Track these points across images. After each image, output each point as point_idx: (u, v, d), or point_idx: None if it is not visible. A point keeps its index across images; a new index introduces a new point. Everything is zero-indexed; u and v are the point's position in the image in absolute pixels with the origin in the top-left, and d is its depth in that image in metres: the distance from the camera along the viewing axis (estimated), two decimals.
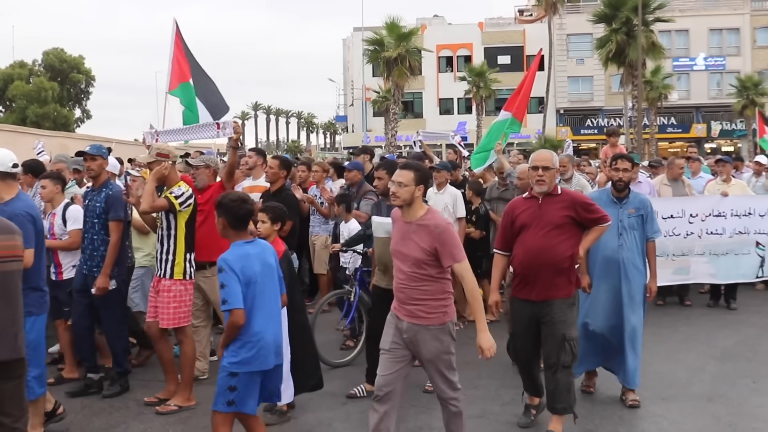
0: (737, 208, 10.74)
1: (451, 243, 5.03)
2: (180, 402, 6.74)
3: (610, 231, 6.45)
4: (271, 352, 5.02)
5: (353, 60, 65.79)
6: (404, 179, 5.12)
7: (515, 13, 71.54)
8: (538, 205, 5.94)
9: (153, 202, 6.70)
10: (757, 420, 6.40)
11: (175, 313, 6.75)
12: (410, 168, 5.20)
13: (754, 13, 60.23)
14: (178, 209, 6.75)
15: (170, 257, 6.80)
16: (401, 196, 5.13)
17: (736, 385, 7.32)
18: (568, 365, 5.87)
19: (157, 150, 6.97)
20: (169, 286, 6.77)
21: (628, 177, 6.82)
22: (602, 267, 6.77)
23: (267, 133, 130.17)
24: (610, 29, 41.41)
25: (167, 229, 6.83)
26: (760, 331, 9.49)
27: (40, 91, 64.19)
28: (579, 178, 10.33)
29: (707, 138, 59.26)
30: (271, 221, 6.31)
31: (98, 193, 7.16)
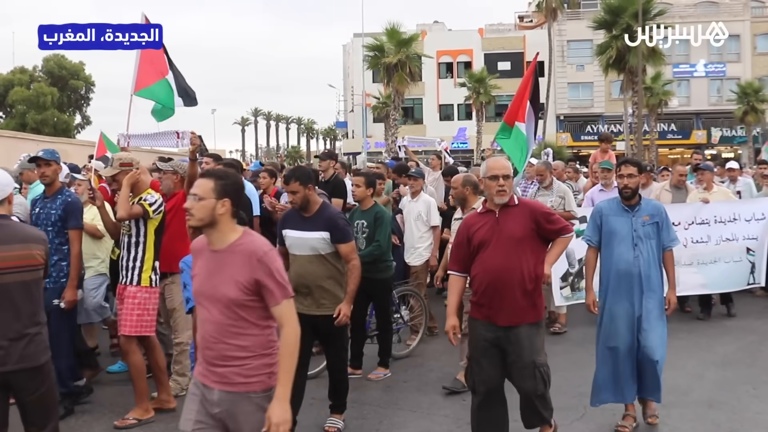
0: (720, 214, 10.39)
1: (276, 274, 3.72)
2: (138, 415, 6.55)
3: (624, 242, 6.09)
4: None
5: (353, 66, 65.82)
6: (199, 191, 3.77)
7: (515, 20, 71.79)
8: (495, 219, 5.38)
9: (129, 210, 6.54)
10: (758, 427, 6.40)
11: (138, 320, 6.57)
12: (211, 176, 3.85)
13: (754, 20, 60.33)
14: (151, 216, 6.63)
15: (138, 264, 6.63)
16: (195, 214, 3.77)
17: (737, 392, 7.30)
18: (541, 393, 5.40)
19: (119, 161, 6.84)
20: (134, 293, 6.60)
21: (635, 183, 6.26)
22: (617, 282, 6.20)
23: (267, 139, 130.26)
24: (610, 35, 41.49)
25: (136, 236, 6.66)
26: (760, 338, 9.48)
27: (40, 97, 64.23)
28: (559, 184, 10.18)
29: (707, 144, 59.25)
30: None
31: (53, 200, 6.90)
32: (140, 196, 6.66)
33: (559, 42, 59.88)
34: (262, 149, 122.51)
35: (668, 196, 10.90)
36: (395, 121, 45.90)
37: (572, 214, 9.66)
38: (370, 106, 57.15)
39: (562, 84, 61.19)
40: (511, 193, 5.42)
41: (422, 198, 9.56)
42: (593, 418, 6.59)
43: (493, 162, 5.53)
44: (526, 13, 71.08)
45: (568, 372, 7.97)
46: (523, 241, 5.29)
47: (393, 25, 44.32)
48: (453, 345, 5.76)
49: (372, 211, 7.94)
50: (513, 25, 70.42)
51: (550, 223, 5.43)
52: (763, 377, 7.82)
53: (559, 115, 61.74)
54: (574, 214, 9.69)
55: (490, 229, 5.36)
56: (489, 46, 63.41)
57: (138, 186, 6.71)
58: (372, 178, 8.32)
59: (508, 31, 67.55)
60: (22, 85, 66.04)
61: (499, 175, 5.34)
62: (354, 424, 6.55)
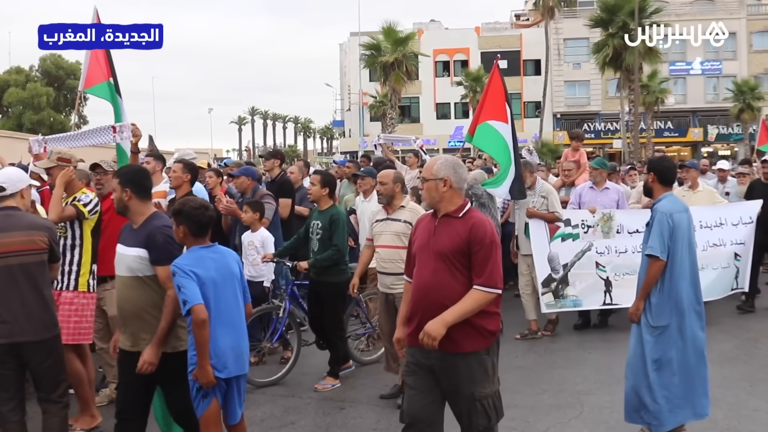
0: (706, 219, 9.99)
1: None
2: (84, 425, 6.26)
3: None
4: (228, 359, 4.84)
5: (350, 65, 65.84)
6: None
7: (512, 18, 71.79)
8: (434, 228, 4.61)
9: (62, 211, 6.20)
10: (755, 424, 6.41)
11: (75, 327, 6.25)
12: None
13: (750, 18, 60.36)
14: (86, 217, 6.33)
15: (74, 268, 6.34)
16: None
17: (734, 389, 7.31)
18: (484, 429, 4.54)
19: (58, 155, 6.52)
20: (71, 299, 6.29)
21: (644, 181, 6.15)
22: None
23: (264, 138, 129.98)
24: (607, 34, 41.52)
25: (72, 238, 6.35)
26: (757, 336, 9.49)
27: (35, 98, 64.19)
28: (543, 184, 9.74)
29: (704, 142, 59.37)
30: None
31: None
32: (74, 196, 6.38)
33: (555, 40, 59.85)
34: (259, 148, 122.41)
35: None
36: (392, 120, 45.85)
37: (556, 215, 9.42)
38: (366, 104, 57.21)
39: (558, 82, 61.19)
40: (438, 199, 4.57)
41: (375, 197, 8.97)
42: (591, 416, 6.60)
43: (427, 162, 5.04)
44: (522, 11, 71.12)
45: (566, 370, 8.00)
46: (453, 258, 4.44)
47: (390, 24, 44.28)
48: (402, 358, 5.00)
49: (328, 213, 7.61)
50: (509, 24, 70.46)
51: (477, 260, 4.41)
52: (760, 374, 7.84)
53: (556, 113, 61.73)
54: (558, 215, 9.44)
55: (426, 238, 4.62)
56: (486, 45, 63.37)
57: (72, 185, 6.44)
58: (328, 177, 8.01)
59: (504, 30, 67.56)
60: (18, 85, 65.97)
61: (421, 177, 4.81)
62: (351, 423, 6.55)
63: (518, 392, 7.26)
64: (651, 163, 6.35)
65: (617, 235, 9.66)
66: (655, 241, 5.76)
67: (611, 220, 9.67)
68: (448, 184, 4.54)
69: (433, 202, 4.62)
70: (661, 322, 5.79)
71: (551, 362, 8.37)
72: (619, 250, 9.68)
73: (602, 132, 60.52)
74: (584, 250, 9.59)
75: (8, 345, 5.06)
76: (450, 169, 4.56)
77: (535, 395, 7.19)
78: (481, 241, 4.42)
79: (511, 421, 6.46)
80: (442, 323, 4.30)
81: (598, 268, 9.61)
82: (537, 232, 9.42)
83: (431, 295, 4.46)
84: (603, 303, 9.67)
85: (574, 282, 9.53)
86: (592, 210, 9.66)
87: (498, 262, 4.44)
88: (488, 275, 4.38)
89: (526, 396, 7.16)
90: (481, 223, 4.51)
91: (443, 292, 4.43)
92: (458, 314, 4.33)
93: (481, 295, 4.37)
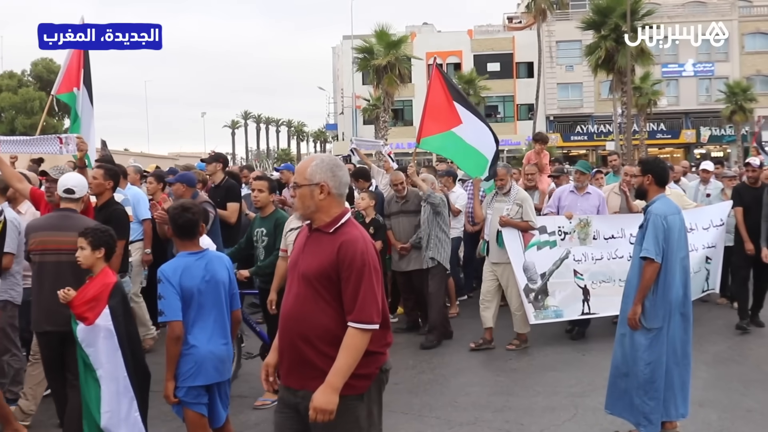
0: None
1: None
2: None
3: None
4: (210, 366, 4.89)
5: (343, 68, 65.83)
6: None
7: (504, 21, 71.83)
8: (305, 243, 3.84)
9: None
10: (748, 425, 6.41)
11: None
12: None
13: (742, 20, 60.56)
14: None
15: None
16: None
17: (727, 390, 7.33)
18: None
19: None
20: None
21: (636, 183, 6.10)
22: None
23: (257, 141, 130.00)
24: (599, 36, 41.61)
25: None
26: (750, 337, 9.50)
27: (27, 102, 64.09)
28: (519, 190, 9.28)
29: (697, 144, 59.53)
30: (92, 247, 5.27)
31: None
32: None
33: (548, 43, 60.00)
34: (252, 152, 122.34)
35: (616, 199, 10.22)
36: (385, 123, 45.89)
37: (530, 224, 9.02)
38: (360, 108, 57.22)
39: (551, 84, 61.30)
40: (311, 210, 3.75)
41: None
42: (585, 418, 6.60)
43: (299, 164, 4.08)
44: (515, 14, 71.23)
45: (560, 372, 8.00)
46: (317, 283, 3.65)
47: (382, 27, 44.34)
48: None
49: (272, 218, 7.34)
50: (502, 26, 70.50)
51: (347, 289, 3.61)
52: (753, 375, 7.85)
53: (549, 115, 61.85)
54: (532, 224, 9.03)
55: (295, 256, 3.87)
56: (478, 48, 63.48)
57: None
58: (275, 183, 7.79)
59: (497, 32, 67.62)
60: (10, 90, 65.82)
61: (295, 182, 3.86)
62: None
63: (512, 394, 7.28)
64: (648, 165, 6.21)
65: (593, 242, 9.41)
66: (650, 243, 5.76)
67: (588, 226, 9.39)
68: (325, 190, 3.70)
69: (308, 213, 3.76)
70: (655, 325, 5.80)
71: (545, 364, 8.37)
72: (595, 257, 9.40)
73: (595, 134, 60.69)
74: (562, 257, 9.29)
75: (62, 333, 5.54)
76: (327, 171, 3.73)
77: (529, 397, 7.19)
78: (349, 265, 3.59)
79: (505, 424, 6.47)
80: (332, 390, 3.52)
81: (576, 276, 9.34)
82: (511, 241, 8.99)
83: (294, 327, 3.70)
84: (582, 312, 9.31)
85: (554, 291, 9.21)
86: (569, 216, 9.39)
87: (373, 289, 3.60)
88: (360, 308, 3.57)
89: (520, 398, 7.17)
90: (351, 241, 3.64)
91: (306, 323, 3.66)
92: (344, 370, 3.55)
93: (358, 335, 3.57)
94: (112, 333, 5.17)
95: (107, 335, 5.17)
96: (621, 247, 9.39)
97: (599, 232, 9.42)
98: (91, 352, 5.21)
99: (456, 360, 8.55)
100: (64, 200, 6.05)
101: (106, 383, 5.19)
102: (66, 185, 6.04)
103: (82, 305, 5.20)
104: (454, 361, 8.52)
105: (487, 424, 6.49)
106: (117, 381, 5.18)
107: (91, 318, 5.17)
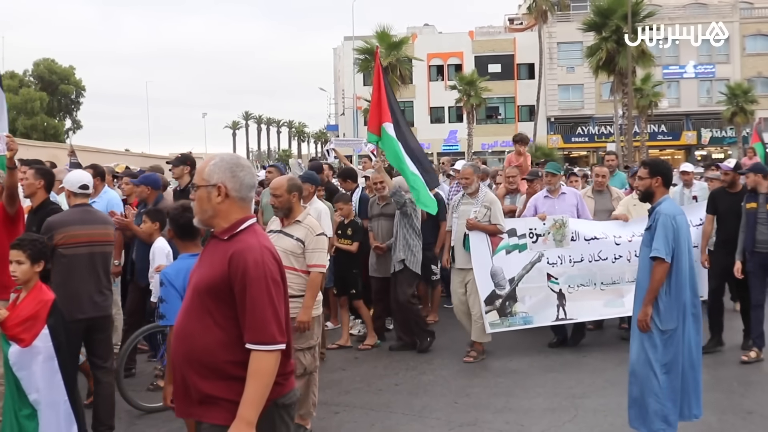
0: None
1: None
2: None
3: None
4: None
5: (344, 69, 65.84)
6: None
7: (505, 22, 71.85)
8: (203, 252, 3.54)
9: None
10: (748, 426, 6.43)
11: None
12: None
13: (743, 21, 60.58)
14: None
15: None
16: None
17: (727, 392, 7.33)
18: None
19: None
20: None
21: (642, 185, 5.90)
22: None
23: (258, 142, 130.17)
24: (600, 38, 41.61)
25: None
26: None
27: (28, 103, 64.16)
28: (486, 192, 8.94)
29: (697, 145, 59.52)
30: (31, 261, 4.93)
31: None
32: None
33: (549, 44, 60.04)
34: (253, 153, 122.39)
35: (591, 203, 9.77)
36: None
37: (498, 228, 8.64)
38: (361, 109, 57.14)
39: (552, 86, 61.33)
40: (209, 215, 3.37)
41: (314, 205, 8.30)
42: (585, 420, 6.60)
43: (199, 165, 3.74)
44: (516, 15, 71.22)
45: (560, 374, 8.01)
46: (206, 297, 3.25)
47: (383, 28, 44.40)
48: None
49: None
50: (503, 28, 70.53)
51: (241, 305, 3.18)
52: (753, 376, 7.86)
53: (550, 117, 61.87)
54: (500, 228, 8.65)
55: (195, 266, 3.50)
56: (479, 49, 63.51)
57: None
58: None
59: (498, 34, 67.65)
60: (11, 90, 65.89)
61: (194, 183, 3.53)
62: (345, 427, 6.55)
63: (512, 395, 7.28)
64: (657, 167, 6.04)
65: (572, 243, 8.91)
66: (660, 243, 5.67)
67: (564, 227, 8.89)
68: (223, 192, 3.32)
69: (205, 219, 3.38)
70: (669, 326, 5.73)
71: (546, 366, 8.37)
72: (574, 260, 8.92)
73: (596, 135, 60.70)
74: (533, 261, 8.84)
75: (90, 319, 5.97)
76: (226, 172, 3.34)
77: (530, 398, 7.19)
78: (242, 277, 3.16)
79: (506, 425, 6.48)
80: (244, 424, 3.09)
81: (549, 281, 8.86)
82: (478, 246, 8.60)
83: (178, 346, 3.32)
84: (556, 318, 8.90)
85: (523, 297, 8.77)
86: (542, 217, 8.92)
87: (271, 305, 3.18)
88: (256, 326, 3.14)
89: (521, 399, 7.17)
90: (244, 250, 3.22)
91: (189, 342, 3.25)
92: (252, 399, 3.11)
93: (261, 358, 3.13)
94: (52, 355, 4.88)
95: (47, 358, 4.87)
96: (605, 249, 8.99)
97: (579, 233, 8.97)
98: (23, 375, 4.84)
99: (457, 361, 8.56)
100: (78, 196, 6.25)
101: (44, 410, 4.88)
102: (82, 181, 6.26)
103: (17, 326, 4.82)
104: (454, 363, 8.52)
105: (487, 425, 6.50)
106: (57, 407, 4.92)
107: (28, 339, 4.82)
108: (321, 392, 7.14)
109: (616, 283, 8.99)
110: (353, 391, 7.56)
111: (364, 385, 7.80)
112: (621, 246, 8.98)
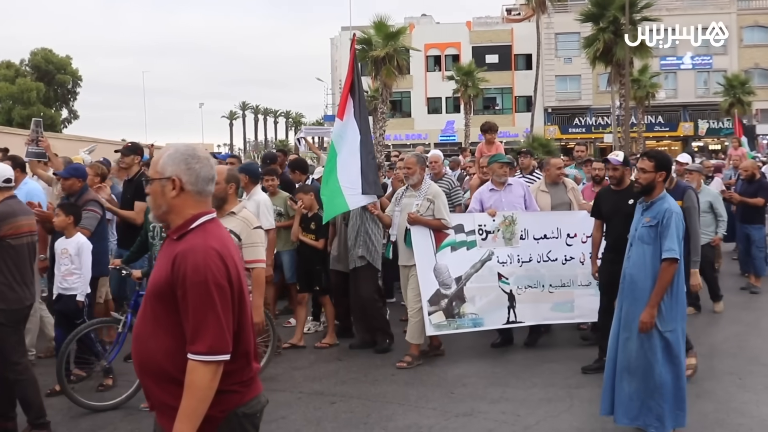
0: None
1: None
2: None
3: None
4: None
5: (341, 59, 65.71)
6: None
7: (503, 12, 71.73)
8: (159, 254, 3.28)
9: None
10: (743, 416, 6.43)
11: None
12: None
13: (740, 12, 60.57)
14: None
15: None
16: None
17: (723, 382, 7.35)
18: None
19: None
20: None
21: (645, 179, 5.78)
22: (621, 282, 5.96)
23: (255, 132, 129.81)
24: (598, 28, 41.54)
25: None
26: (746, 329, 9.55)
27: (24, 93, 64.01)
28: (431, 185, 8.37)
29: (695, 136, 59.61)
30: None
31: None
32: None
33: (546, 35, 59.92)
34: (250, 143, 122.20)
35: (546, 197, 9.16)
36: (383, 115, 45.77)
37: (443, 223, 8.13)
38: None
39: (549, 77, 61.30)
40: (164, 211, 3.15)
41: (254, 197, 8.16)
42: (581, 409, 6.62)
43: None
44: (514, 5, 71.06)
45: (556, 364, 8.01)
46: (155, 300, 3.06)
47: (381, 19, 44.17)
48: None
49: None
50: (501, 18, 70.45)
51: (185, 312, 2.96)
52: (749, 367, 7.87)
53: (547, 107, 61.88)
54: (445, 222, 8.15)
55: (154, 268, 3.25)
56: (477, 39, 63.44)
57: None
58: None
59: (495, 24, 67.60)
60: (8, 80, 65.76)
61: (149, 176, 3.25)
62: (342, 418, 6.54)
63: (509, 386, 7.30)
64: (663, 161, 5.89)
65: (521, 242, 8.48)
66: (674, 243, 5.57)
67: (514, 224, 8.47)
68: (177, 185, 3.10)
69: (160, 214, 3.17)
70: (671, 327, 5.69)
71: (542, 356, 8.38)
72: (522, 260, 8.50)
73: (593, 126, 60.74)
74: (484, 259, 8.35)
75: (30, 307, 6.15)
76: (180, 164, 3.11)
77: (526, 389, 7.21)
78: (183, 281, 2.94)
79: (502, 415, 6.49)
80: (189, 428, 2.91)
81: (500, 281, 8.39)
82: (420, 241, 8.08)
83: (135, 350, 3.14)
84: (507, 321, 8.45)
85: (472, 297, 8.26)
86: (492, 213, 8.46)
87: (214, 311, 2.92)
88: (198, 334, 2.91)
89: (517, 389, 7.19)
90: (186, 252, 2.98)
91: (144, 348, 3.08)
92: (187, 414, 2.90)
93: (198, 369, 2.90)
94: None
95: None
96: (555, 249, 8.57)
97: (528, 231, 8.53)
98: None
99: (453, 351, 8.56)
100: (3, 190, 6.11)
101: None
102: (5, 175, 6.19)
103: None
104: (450, 353, 8.53)
105: (483, 415, 6.51)
106: None
107: None
108: (317, 382, 7.16)
109: (566, 285, 8.60)
110: (349, 381, 7.57)
111: (360, 375, 7.80)
112: (573, 247, 8.62)
